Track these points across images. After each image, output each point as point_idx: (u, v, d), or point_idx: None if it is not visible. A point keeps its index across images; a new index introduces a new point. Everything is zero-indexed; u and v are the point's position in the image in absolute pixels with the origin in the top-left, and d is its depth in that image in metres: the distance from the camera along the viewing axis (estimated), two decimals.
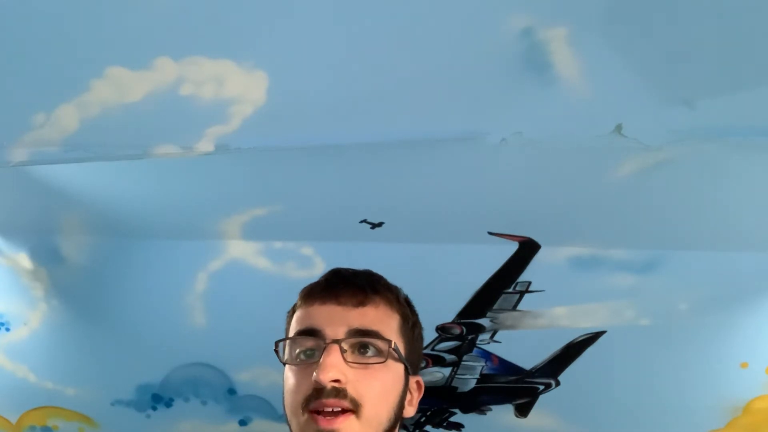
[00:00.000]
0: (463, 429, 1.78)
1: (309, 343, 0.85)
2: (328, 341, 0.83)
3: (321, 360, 0.81)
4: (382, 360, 0.84)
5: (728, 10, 0.94)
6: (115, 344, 1.73)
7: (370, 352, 0.84)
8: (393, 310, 0.90)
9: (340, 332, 0.83)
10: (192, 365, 1.75)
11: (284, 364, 0.87)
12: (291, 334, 0.89)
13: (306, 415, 0.81)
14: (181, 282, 1.63)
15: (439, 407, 1.75)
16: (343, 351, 0.82)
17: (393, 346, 0.85)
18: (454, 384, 1.70)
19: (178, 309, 1.65)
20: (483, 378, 1.69)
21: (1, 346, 1.79)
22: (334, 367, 0.80)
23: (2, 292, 1.73)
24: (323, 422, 0.79)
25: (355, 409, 0.80)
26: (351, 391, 0.81)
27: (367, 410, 0.81)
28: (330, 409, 0.80)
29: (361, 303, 0.86)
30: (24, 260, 1.67)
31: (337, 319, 0.85)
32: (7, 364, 1.81)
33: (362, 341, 0.84)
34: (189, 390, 1.78)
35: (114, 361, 1.76)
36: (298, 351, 0.86)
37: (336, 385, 0.80)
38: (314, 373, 0.80)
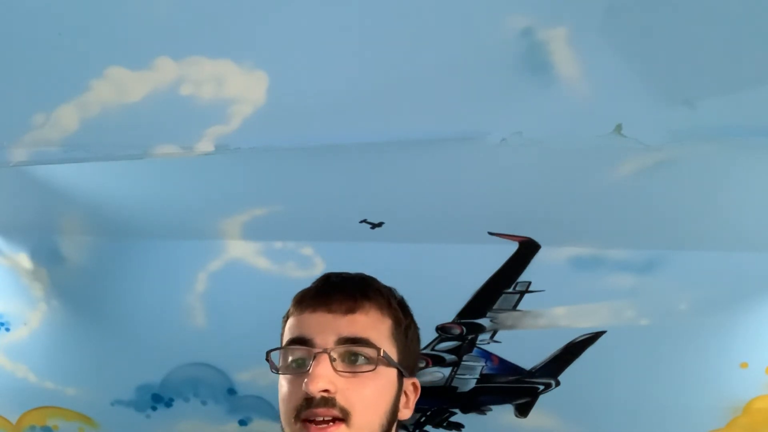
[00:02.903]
0: (463, 429, 1.78)
1: (299, 352, 0.86)
2: (317, 350, 0.83)
3: (310, 370, 0.82)
4: (371, 368, 0.84)
5: (728, 10, 0.94)
6: (115, 344, 1.73)
7: (359, 360, 0.85)
8: (384, 315, 0.90)
9: (329, 341, 0.84)
10: (192, 365, 1.75)
11: (277, 372, 0.88)
12: (283, 342, 0.89)
13: (298, 425, 0.82)
14: (181, 282, 1.63)
15: (439, 407, 1.75)
16: (332, 360, 0.83)
17: (382, 353, 0.85)
18: (454, 384, 1.70)
19: (178, 309, 1.65)
20: (483, 378, 1.69)
21: (1, 346, 1.79)
22: (323, 378, 0.81)
23: (2, 292, 1.73)
24: (315, 430, 0.80)
25: (344, 417, 0.81)
26: (340, 399, 0.81)
27: (357, 418, 0.82)
28: (321, 418, 0.81)
29: (351, 310, 0.87)
30: (24, 260, 1.67)
31: (327, 328, 0.85)
32: (7, 364, 1.81)
33: (351, 350, 0.84)
34: (189, 390, 1.78)
35: (114, 361, 1.76)
36: (290, 360, 0.87)
37: (325, 394, 0.81)
38: (304, 384, 0.81)
